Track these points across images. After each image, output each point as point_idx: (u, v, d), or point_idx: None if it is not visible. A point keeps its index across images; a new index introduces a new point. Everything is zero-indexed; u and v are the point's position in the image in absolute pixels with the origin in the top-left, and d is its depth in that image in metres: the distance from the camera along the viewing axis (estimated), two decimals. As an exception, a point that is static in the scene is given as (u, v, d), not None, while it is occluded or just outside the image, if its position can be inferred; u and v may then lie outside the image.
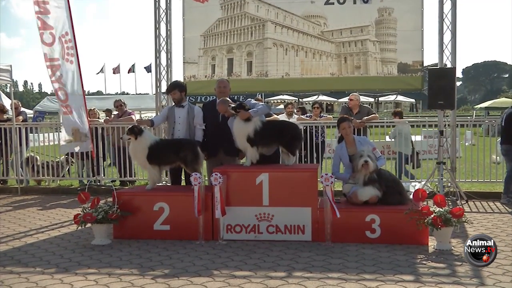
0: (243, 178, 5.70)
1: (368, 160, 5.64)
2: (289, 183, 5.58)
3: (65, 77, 8.72)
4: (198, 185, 5.49)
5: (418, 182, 8.57)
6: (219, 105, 6.27)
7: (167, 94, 7.21)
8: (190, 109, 6.66)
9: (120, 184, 9.59)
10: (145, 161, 6.08)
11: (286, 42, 9.70)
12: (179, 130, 6.59)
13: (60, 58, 8.67)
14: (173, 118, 6.63)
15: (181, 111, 6.63)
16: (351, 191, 5.79)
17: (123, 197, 5.87)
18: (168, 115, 6.72)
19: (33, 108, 24.74)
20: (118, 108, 10.10)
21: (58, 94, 8.73)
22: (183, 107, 6.65)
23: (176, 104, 6.70)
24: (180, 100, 6.67)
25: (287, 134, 5.95)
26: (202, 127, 6.60)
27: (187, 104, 6.70)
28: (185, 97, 6.76)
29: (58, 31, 8.67)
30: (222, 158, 6.54)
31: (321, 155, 9.31)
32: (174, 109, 6.68)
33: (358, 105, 9.15)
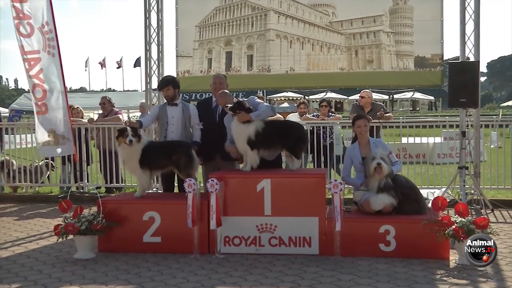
0: (242, 185, 5.70)
1: (381, 162, 5.64)
2: (294, 190, 5.58)
3: (46, 71, 8.65)
4: (193, 192, 5.49)
5: (438, 189, 8.55)
6: (219, 98, 6.25)
7: (159, 90, 7.22)
8: (184, 107, 6.65)
9: (105, 191, 9.59)
10: (137, 165, 6.09)
11: (291, 33, 9.70)
12: (173, 131, 6.58)
13: (41, 50, 8.61)
14: (166, 118, 6.62)
15: (174, 110, 6.62)
16: (363, 199, 5.78)
17: (109, 205, 5.86)
18: (159, 114, 6.70)
19: (9, 107, 24.79)
20: (103, 107, 10.09)
21: (34, 91, 8.60)
22: (177, 106, 6.64)
23: (168, 102, 6.69)
24: (173, 98, 6.66)
25: (291, 135, 5.95)
26: (201, 126, 6.60)
27: (180, 102, 6.69)
28: (178, 94, 6.76)
29: (37, 20, 8.66)
30: (219, 163, 6.54)
31: (330, 159, 9.30)
32: (167, 108, 6.67)
33: (370, 103, 9.17)
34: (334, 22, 9.63)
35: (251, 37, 9.85)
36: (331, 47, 9.63)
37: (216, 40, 9.95)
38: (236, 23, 9.91)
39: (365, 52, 9.56)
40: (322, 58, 9.65)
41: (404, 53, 9.43)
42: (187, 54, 9.97)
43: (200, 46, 9.98)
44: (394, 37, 9.44)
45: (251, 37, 9.84)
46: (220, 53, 9.95)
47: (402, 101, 47.85)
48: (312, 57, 9.70)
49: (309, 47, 9.69)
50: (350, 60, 9.58)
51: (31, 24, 8.64)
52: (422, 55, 9.33)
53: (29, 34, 8.64)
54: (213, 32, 9.93)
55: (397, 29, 9.43)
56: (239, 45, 9.89)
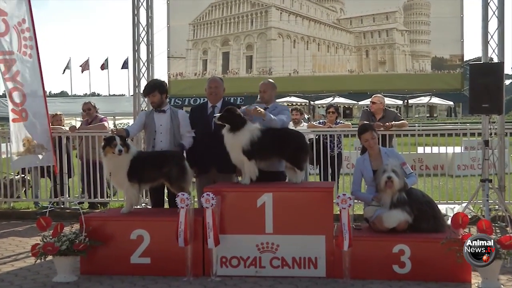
0: (241, 199, 5.70)
1: (392, 176, 5.64)
2: (298, 206, 5.58)
3: (23, 74, 8.66)
4: (186, 207, 5.49)
5: (458, 204, 8.55)
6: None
7: (145, 96, 7.23)
8: (173, 114, 6.67)
9: (89, 207, 9.58)
10: (125, 178, 6.08)
11: (294, 32, 9.76)
12: (162, 140, 6.59)
13: (16, 51, 8.64)
14: (153, 126, 6.64)
15: (162, 117, 6.64)
16: (375, 215, 5.78)
17: (93, 222, 5.86)
18: (146, 122, 6.72)
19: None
20: (87, 113, 10.10)
21: (12, 95, 8.59)
22: (165, 112, 6.67)
23: (155, 109, 6.71)
24: (160, 104, 6.68)
25: (290, 144, 5.96)
26: (192, 134, 6.61)
27: (169, 108, 6.71)
28: (166, 99, 6.78)
29: (12, 18, 8.68)
30: (215, 175, 6.55)
31: (338, 171, 9.30)
32: (154, 115, 6.69)
33: (382, 109, 9.16)
34: (343, 20, 9.69)
35: (250, 36, 9.90)
36: (339, 47, 9.68)
37: (212, 39, 10.00)
38: (234, 21, 9.97)
39: (377, 52, 9.61)
40: (329, 59, 9.70)
41: (420, 54, 9.47)
42: (179, 55, 10.02)
43: (194, 46, 10.04)
44: (409, 36, 9.49)
45: (251, 36, 9.90)
46: (216, 54, 10.00)
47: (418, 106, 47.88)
48: (318, 58, 9.74)
49: (314, 47, 9.74)
50: (360, 62, 9.62)
51: (6, 22, 8.65)
52: (440, 56, 9.38)
53: (4, 32, 8.65)
54: (209, 30, 9.99)
55: (412, 27, 9.48)
56: (237, 45, 9.93)
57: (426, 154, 9.71)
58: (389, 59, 9.56)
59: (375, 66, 9.60)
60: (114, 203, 9.55)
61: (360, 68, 9.62)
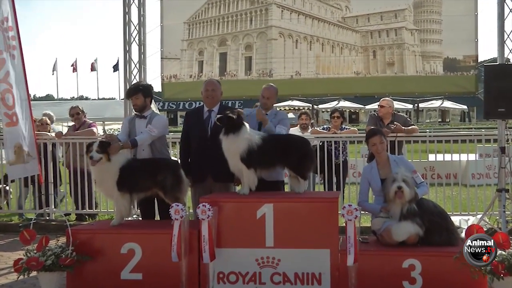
0: (239, 211, 5.69)
1: (403, 185, 5.64)
2: (301, 217, 5.57)
3: (12, 75, 8.64)
4: (180, 219, 5.48)
5: (472, 216, 8.54)
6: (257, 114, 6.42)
7: (127, 98, 7.23)
8: (150, 119, 6.64)
9: (76, 219, 9.57)
10: (114, 187, 6.07)
11: (297, 31, 9.78)
12: (144, 149, 6.58)
13: (4, 50, 8.58)
14: (134, 133, 6.63)
15: (142, 124, 6.62)
16: (383, 228, 5.78)
17: (81, 235, 5.85)
18: (129, 128, 6.74)
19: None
20: (74, 118, 10.10)
21: (4, 97, 8.53)
22: (145, 118, 6.67)
23: (137, 114, 6.71)
24: (142, 108, 6.68)
25: (294, 152, 5.96)
26: (153, 133, 6.50)
27: (149, 114, 6.71)
28: (150, 104, 6.79)
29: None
30: (212, 184, 6.54)
31: (343, 180, 9.31)
32: (135, 121, 6.70)
33: (391, 114, 9.15)
34: (348, 18, 9.71)
35: (249, 36, 9.92)
36: (344, 47, 9.70)
37: (208, 39, 10.03)
38: (232, 19, 9.99)
39: (385, 53, 9.63)
40: (333, 61, 9.72)
41: (431, 55, 9.49)
42: (174, 56, 10.05)
43: (189, 46, 10.06)
44: (419, 35, 9.51)
45: (250, 36, 9.92)
46: (213, 55, 10.02)
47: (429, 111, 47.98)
48: (322, 59, 9.76)
49: (318, 47, 9.76)
50: (367, 63, 9.64)
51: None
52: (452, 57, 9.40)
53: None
54: (205, 29, 10.01)
55: (423, 26, 9.51)
56: (235, 45, 9.96)
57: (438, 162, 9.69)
58: (398, 60, 9.58)
59: (383, 67, 9.62)
60: (103, 215, 9.54)
61: (367, 69, 9.64)
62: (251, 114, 6.50)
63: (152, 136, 6.52)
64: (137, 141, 6.43)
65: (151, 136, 6.52)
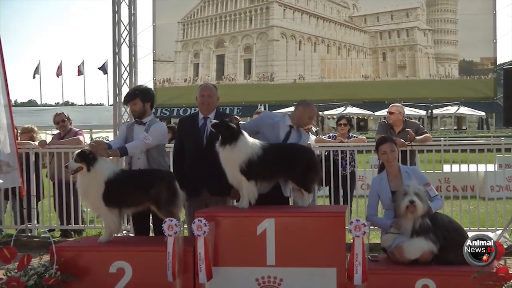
0: (238, 226, 5.69)
1: (415, 199, 5.65)
2: (305, 233, 5.57)
3: None
4: (174, 236, 5.48)
5: (491, 232, 8.54)
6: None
7: (125, 104, 7.24)
8: (148, 126, 6.64)
9: (60, 235, 9.56)
10: (100, 202, 6.07)
11: (300, 32, 9.81)
12: (139, 158, 6.59)
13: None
14: (131, 141, 6.63)
15: (141, 131, 6.62)
16: (394, 245, 5.78)
17: (66, 253, 5.85)
18: (127, 136, 6.74)
19: None
20: (60, 125, 10.11)
21: None
22: (144, 125, 6.67)
23: (136, 120, 6.72)
24: (141, 114, 6.68)
25: (298, 163, 5.96)
26: (147, 141, 6.47)
27: (149, 121, 6.72)
28: (150, 109, 6.78)
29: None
30: (208, 198, 6.55)
31: (350, 192, 9.30)
32: (134, 128, 6.70)
33: (401, 121, 9.13)
34: (356, 17, 9.74)
35: (249, 37, 9.95)
36: (351, 49, 9.73)
37: (204, 40, 10.06)
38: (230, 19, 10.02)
39: (396, 55, 9.65)
40: (340, 63, 9.74)
41: (446, 57, 9.52)
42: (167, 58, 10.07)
43: (183, 48, 10.09)
44: (433, 36, 9.53)
45: (249, 37, 9.95)
46: (209, 57, 10.04)
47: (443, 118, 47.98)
48: (327, 61, 9.79)
49: (323, 49, 9.78)
50: (377, 66, 9.66)
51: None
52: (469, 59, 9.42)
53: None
54: (201, 30, 10.04)
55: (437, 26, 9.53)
56: (234, 47, 9.98)
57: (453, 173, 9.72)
58: (410, 63, 9.60)
59: (394, 71, 9.64)
60: (91, 231, 9.53)
61: (376, 73, 9.66)
62: (277, 122, 6.41)
63: (146, 144, 6.48)
64: (127, 148, 6.39)
65: (145, 144, 6.47)
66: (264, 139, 6.18)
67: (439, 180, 9.51)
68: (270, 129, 6.37)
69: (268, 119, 6.47)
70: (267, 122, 6.41)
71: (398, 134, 8.88)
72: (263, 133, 6.34)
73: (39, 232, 9.63)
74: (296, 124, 6.45)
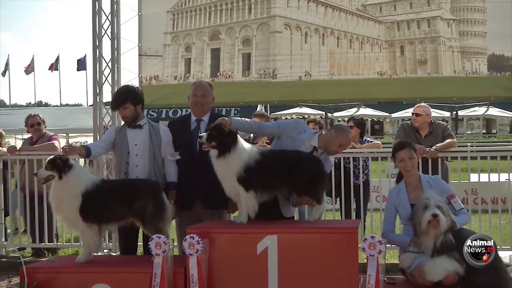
0: (235, 244, 5.70)
1: (438, 213, 5.65)
2: (312, 252, 5.57)
3: None
4: (163, 255, 5.49)
5: (524, 250, 8.54)
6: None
7: (114, 110, 7.25)
8: (153, 130, 6.65)
9: (32, 255, 9.56)
10: (77, 216, 6.07)
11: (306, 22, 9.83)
12: (137, 165, 6.57)
13: None
14: (125, 147, 6.62)
15: (138, 135, 6.62)
16: (414, 265, 5.79)
17: (39, 275, 5.84)
18: (116, 142, 6.71)
19: None
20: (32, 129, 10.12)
21: None
22: (141, 128, 6.67)
23: (128, 125, 6.71)
24: (134, 118, 6.68)
25: (302, 171, 5.95)
26: (176, 157, 6.59)
27: (146, 123, 6.72)
28: (142, 111, 6.78)
29: None
30: (201, 212, 6.56)
31: (364, 205, 9.29)
32: (126, 133, 6.68)
33: (428, 123, 9.05)
34: (370, 5, 9.77)
35: (248, 28, 9.97)
36: (365, 42, 9.75)
37: (197, 32, 10.07)
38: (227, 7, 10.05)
39: (415, 48, 9.68)
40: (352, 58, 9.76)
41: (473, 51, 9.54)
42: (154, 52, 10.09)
43: (174, 41, 10.11)
44: (458, 26, 9.55)
45: (249, 28, 9.97)
46: (203, 51, 10.06)
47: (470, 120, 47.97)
48: (337, 56, 9.80)
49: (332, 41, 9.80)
50: (393, 61, 9.68)
51: None
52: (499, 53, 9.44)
53: None
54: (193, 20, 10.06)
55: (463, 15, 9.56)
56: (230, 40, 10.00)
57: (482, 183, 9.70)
58: (432, 58, 9.62)
59: (413, 66, 9.66)
60: (67, 249, 9.53)
61: (393, 69, 9.67)
62: (301, 139, 6.27)
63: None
64: (175, 182, 6.60)
65: (175, 163, 6.64)
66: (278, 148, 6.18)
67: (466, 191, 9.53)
68: (290, 142, 6.26)
69: (293, 131, 6.30)
70: (290, 134, 6.27)
71: (425, 139, 8.83)
72: (281, 142, 6.31)
73: (7, 251, 9.63)
74: (323, 147, 6.26)
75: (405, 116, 34.51)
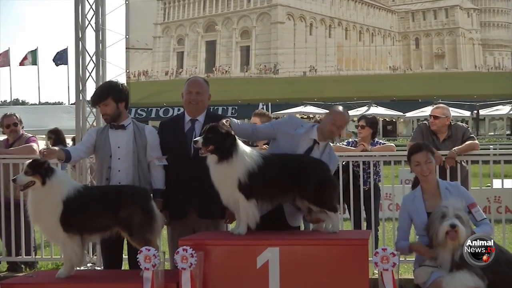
0: (233, 257, 5.71)
1: (457, 224, 5.66)
2: (317, 266, 5.58)
3: None
4: (153, 269, 5.50)
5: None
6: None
7: (93, 106, 7.26)
8: (137, 132, 6.67)
9: (8, 269, 9.57)
10: (58, 226, 6.07)
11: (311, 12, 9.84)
12: (120, 170, 6.59)
13: None
14: (107, 150, 6.63)
15: (121, 137, 6.63)
16: (431, 280, 5.80)
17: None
18: (97, 144, 6.72)
19: None
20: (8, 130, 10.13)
21: None
22: (125, 129, 6.68)
23: (110, 125, 6.72)
24: (116, 117, 6.68)
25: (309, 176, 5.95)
26: (163, 162, 6.60)
27: (131, 123, 6.73)
28: (125, 110, 6.79)
29: None
30: (195, 222, 6.57)
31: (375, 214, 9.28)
32: (108, 134, 6.70)
33: (447, 126, 9.03)
34: (382, -6, 9.78)
35: (247, 18, 9.98)
36: (376, 34, 9.76)
37: (190, 22, 10.08)
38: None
39: (432, 41, 9.68)
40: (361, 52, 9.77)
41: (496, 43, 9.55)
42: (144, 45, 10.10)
43: (165, 32, 10.11)
44: (479, 17, 9.55)
45: (247, 18, 9.98)
46: (197, 44, 10.07)
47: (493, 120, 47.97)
48: (345, 49, 9.82)
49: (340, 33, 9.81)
50: (408, 55, 9.69)
51: None
52: (524, 47, 9.45)
53: None
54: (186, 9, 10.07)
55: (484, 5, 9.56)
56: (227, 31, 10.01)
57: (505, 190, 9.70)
58: (450, 51, 9.63)
59: (430, 61, 9.66)
60: (46, 263, 9.53)
61: (407, 64, 9.68)
62: (299, 134, 6.31)
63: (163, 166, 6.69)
64: (162, 189, 6.66)
65: (163, 168, 6.68)
66: (277, 150, 6.18)
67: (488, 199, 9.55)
68: (288, 141, 6.29)
69: (289, 128, 6.35)
70: (286, 131, 6.31)
71: (443, 143, 8.81)
72: (278, 143, 6.32)
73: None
74: (322, 138, 6.32)
75: (420, 115, 34.55)
